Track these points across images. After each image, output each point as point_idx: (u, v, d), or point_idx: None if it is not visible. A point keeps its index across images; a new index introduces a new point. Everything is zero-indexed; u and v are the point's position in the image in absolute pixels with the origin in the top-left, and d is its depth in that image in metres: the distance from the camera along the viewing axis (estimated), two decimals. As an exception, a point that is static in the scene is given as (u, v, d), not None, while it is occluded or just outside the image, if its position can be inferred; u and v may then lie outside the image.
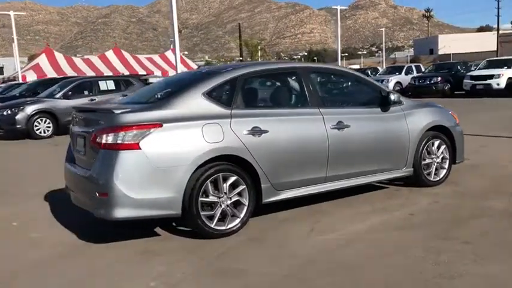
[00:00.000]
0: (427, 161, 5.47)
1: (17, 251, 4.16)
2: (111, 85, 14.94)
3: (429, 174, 5.52)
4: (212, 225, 4.09)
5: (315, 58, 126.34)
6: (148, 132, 3.85)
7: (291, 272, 3.38)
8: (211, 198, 4.09)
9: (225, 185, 4.13)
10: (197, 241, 4.10)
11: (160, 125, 3.89)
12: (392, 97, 5.11)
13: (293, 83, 4.79)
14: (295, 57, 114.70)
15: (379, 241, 3.90)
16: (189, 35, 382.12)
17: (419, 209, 4.74)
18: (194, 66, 37.07)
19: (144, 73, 32.77)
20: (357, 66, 60.67)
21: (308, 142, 4.57)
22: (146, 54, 46.67)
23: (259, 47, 52.09)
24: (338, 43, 30.91)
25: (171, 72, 37.31)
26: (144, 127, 3.85)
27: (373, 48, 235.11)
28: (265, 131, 4.30)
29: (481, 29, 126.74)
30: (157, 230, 4.48)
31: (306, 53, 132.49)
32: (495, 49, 73.58)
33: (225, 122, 4.16)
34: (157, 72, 36.88)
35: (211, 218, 4.10)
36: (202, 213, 4.04)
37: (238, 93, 4.40)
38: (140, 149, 3.81)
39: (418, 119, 5.36)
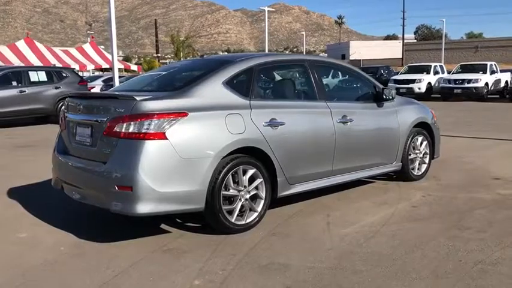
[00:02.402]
0: (412, 156, 5.70)
1: (15, 253, 3.68)
2: (42, 76, 13.85)
3: (413, 168, 5.75)
4: (232, 220, 3.93)
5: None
6: (175, 121, 3.59)
7: (336, 264, 3.32)
8: (232, 192, 3.92)
9: (244, 178, 3.98)
10: (215, 237, 3.91)
11: (186, 114, 3.65)
12: (387, 93, 5.25)
13: (303, 75, 4.74)
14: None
15: (401, 233, 3.96)
16: (100, 29, 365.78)
17: (417, 202, 4.90)
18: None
19: (61, 66, 30.80)
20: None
21: (319, 135, 4.55)
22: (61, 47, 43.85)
23: (183, 45, 50.97)
24: (266, 43, 31.29)
25: (90, 66, 35.37)
26: (170, 115, 3.58)
27: (287, 52, 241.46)
28: (282, 123, 4.21)
29: (387, 38, 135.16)
30: (163, 226, 4.22)
31: (226, 53, 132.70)
32: (400, 56, 79.23)
33: (245, 112, 4.01)
34: (75, 66, 34.83)
35: (230, 212, 3.93)
36: (224, 207, 3.86)
37: (255, 84, 4.27)
38: (166, 138, 3.54)
39: (407, 115, 5.56)
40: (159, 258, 3.52)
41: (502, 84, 22.32)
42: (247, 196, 4.01)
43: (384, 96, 5.23)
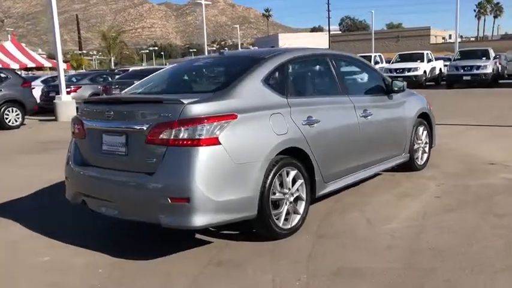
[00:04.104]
0: (416, 146, 5.77)
1: (50, 281, 3.26)
2: (-19, 78, 12.66)
3: (417, 158, 5.83)
4: (280, 225, 3.74)
5: (162, 53, 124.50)
6: (226, 124, 3.34)
7: (407, 263, 3.24)
8: (278, 196, 3.73)
9: (288, 180, 3.81)
10: (261, 244, 3.70)
11: (236, 116, 3.40)
12: (397, 85, 5.26)
13: (328, 69, 4.59)
14: (142, 51, 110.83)
15: (445, 225, 3.95)
16: (14, 25, 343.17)
17: (437, 192, 4.93)
18: (39, 59, 33.39)
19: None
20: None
21: (347, 131, 4.47)
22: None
23: (115, 41, 48.78)
24: (204, 37, 30.83)
25: (14, 66, 32.99)
26: (221, 119, 3.32)
27: (215, 45, 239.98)
28: (317, 121, 4.06)
29: (314, 30, 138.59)
30: (199, 236, 3.94)
31: (156, 48, 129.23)
32: (327, 47, 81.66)
33: (285, 111, 3.82)
34: (-4, 65, 32.31)
35: (277, 216, 3.74)
36: (273, 212, 3.66)
37: (289, 81, 4.10)
38: (220, 143, 3.28)
39: (412, 106, 5.62)
40: (218, 272, 3.27)
41: (437, 72, 23.59)
42: (291, 199, 3.84)
43: (395, 88, 5.24)
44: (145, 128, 3.34)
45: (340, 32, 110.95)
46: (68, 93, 15.20)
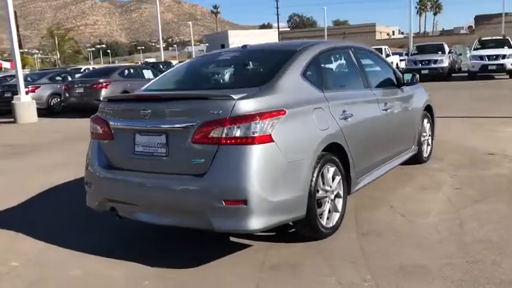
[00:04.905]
0: (422, 138, 5.79)
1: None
2: None
3: (423, 151, 5.85)
4: (324, 224, 3.60)
5: (108, 51, 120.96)
6: (276, 120, 3.14)
7: (467, 257, 3.17)
8: (321, 194, 3.57)
9: (329, 177, 3.66)
10: (305, 244, 3.55)
11: (284, 112, 3.22)
12: (409, 78, 5.24)
13: (352, 62, 4.47)
14: (89, 49, 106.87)
15: (482, 216, 3.92)
16: None
17: (455, 183, 4.94)
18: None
19: None
20: (153, 60, 59.01)
21: (373, 125, 4.39)
22: None
23: (64, 38, 46.62)
24: (159, 33, 30.10)
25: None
26: (273, 115, 3.13)
27: (162, 42, 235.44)
28: (351, 115, 3.94)
29: (263, 27, 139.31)
30: (233, 239, 3.73)
31: (103, 45, 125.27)
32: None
33: (325, 106, 3.68)
34: None
35: (320, 215, 3.59)
36: (318, 210, 3.51)
37: (323, 74, 3.96)
38: (273, 141, 3.09)
39: (419, 98, 5.63)
40: (278, 276, 3.08)
41: (394, 66, 24.19)
42: (332, 197, 3.70)
43: (407, 81, 5.22)
44: (191, 127, 3.09)
45: (289, 29, 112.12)
46: (26, 93, 14.34)
